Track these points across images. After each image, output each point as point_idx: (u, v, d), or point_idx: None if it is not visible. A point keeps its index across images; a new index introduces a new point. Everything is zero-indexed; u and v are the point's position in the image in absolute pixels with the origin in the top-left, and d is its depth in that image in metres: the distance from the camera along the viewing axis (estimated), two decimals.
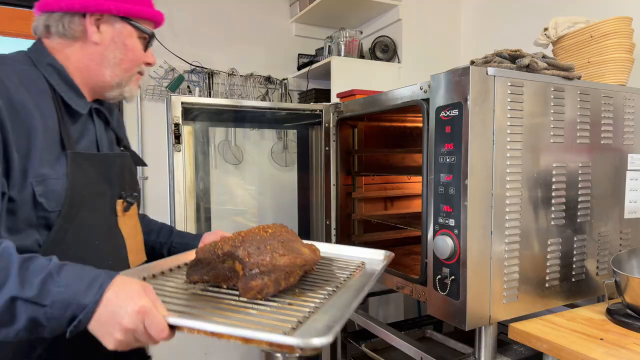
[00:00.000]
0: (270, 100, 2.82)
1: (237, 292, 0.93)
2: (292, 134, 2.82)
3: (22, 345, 0.89)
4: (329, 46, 2.61)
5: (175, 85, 2.53)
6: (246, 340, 0.75)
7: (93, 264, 0.82)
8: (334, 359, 1.91)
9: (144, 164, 1.32)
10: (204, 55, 2.65)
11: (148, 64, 1.13)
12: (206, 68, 2.65)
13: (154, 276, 1.04)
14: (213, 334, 0.76)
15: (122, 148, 1.20)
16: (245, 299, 0.90)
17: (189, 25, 2.61)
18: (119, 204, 1.10)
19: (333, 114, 1.87)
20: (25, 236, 0.90)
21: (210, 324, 0.76)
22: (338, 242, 1.87)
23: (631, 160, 1.46)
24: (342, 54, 2.55)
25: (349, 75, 2.45)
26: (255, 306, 0.88)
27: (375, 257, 1.21)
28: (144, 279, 1.00)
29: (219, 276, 0.97)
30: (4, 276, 0.74)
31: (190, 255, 1.11)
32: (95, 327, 0.76)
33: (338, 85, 2.41)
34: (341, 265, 1.17)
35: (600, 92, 1.38)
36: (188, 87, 2.62)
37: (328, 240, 1.91)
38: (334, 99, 2.29)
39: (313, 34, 2.98)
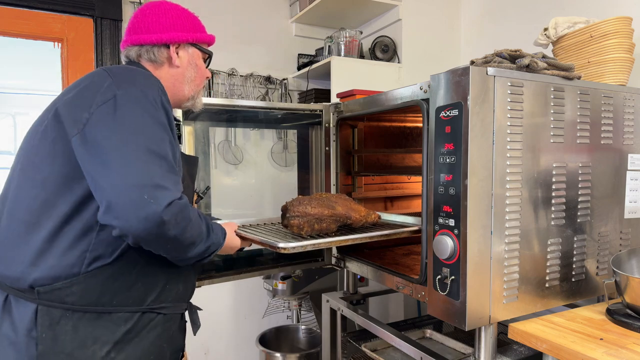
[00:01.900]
0: (270, 100, 2.82)
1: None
2: (292, 134, 2.82)
3: (140, 293, 1.15)
4: (329, 46, 2.61)
5: None
6: (261, 243, 1.35)
7: None
8: (333, 359, 1.91)
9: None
10: None
11: (207, 78, 1.42)
12: None
13: (264, 224, 1.66)
14: (246, 238, 1.38)
15: None
16: (293, 232, 1.44)
17: None
18: (195, 196, 1.42)
19: (333, 114, 1.87)
20: None
21: (248, 234, 1.39)
22: None
23: (631, 160, 1.46)
24: (342, 54, 2.55)
25: (349, 75, 2.45)
26: (294, 235, 1.43)
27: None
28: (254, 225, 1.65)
29: None
30: (206, 229, 1.17)
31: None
32: (219, 252, 1.26)
33: (338, 85, 2.41)
34: (393, 226, 1.58)
35: (600, 92, 1.38)
36: None
37: None
38: (334, 99, 2.29)
39: (313, 34, 2.98)
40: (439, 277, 1.22)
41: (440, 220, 1.21)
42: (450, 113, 1.17)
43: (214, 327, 2.83)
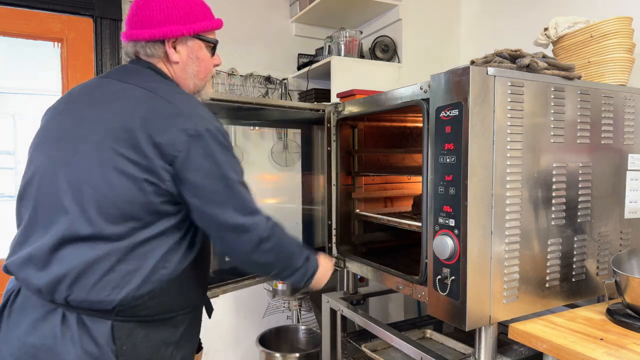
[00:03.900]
0: None
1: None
2: (292, 134, 2.82)
3: (195, 295, 1.22)
4: (329, 46, 2.61)
5: None
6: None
7: None
8: (334, 359, 1.91)
9: None
10: None
11: (216, 65, 1.32)
12: None
13: (399, 213, 1.93)
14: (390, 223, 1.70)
15: None
16: None
17: None
18: None
19: (333, 114, 1.87)
20: None
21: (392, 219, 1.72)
22: (338, 242, 1.87)
23: (631, 160, 1.46)
24: (342, 53, 2.55)
25: (349, 75, 2.45)
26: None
27: None
28: None
29: None
30: (299, 249, 1.29)
31: None
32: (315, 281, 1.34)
33: (338, 85, 2.40)
34: None
35: (600, 92, 1.38)
36: None
37: (329, 240, 1.91)
38: (334, 99, 2.29)
39: (313, 34, 2.98)
40: (439, 277, 1.22)
41: (440, 220, 1.21)
42: (450, 113, 1.17)
43: (214, 327, 2.83)
